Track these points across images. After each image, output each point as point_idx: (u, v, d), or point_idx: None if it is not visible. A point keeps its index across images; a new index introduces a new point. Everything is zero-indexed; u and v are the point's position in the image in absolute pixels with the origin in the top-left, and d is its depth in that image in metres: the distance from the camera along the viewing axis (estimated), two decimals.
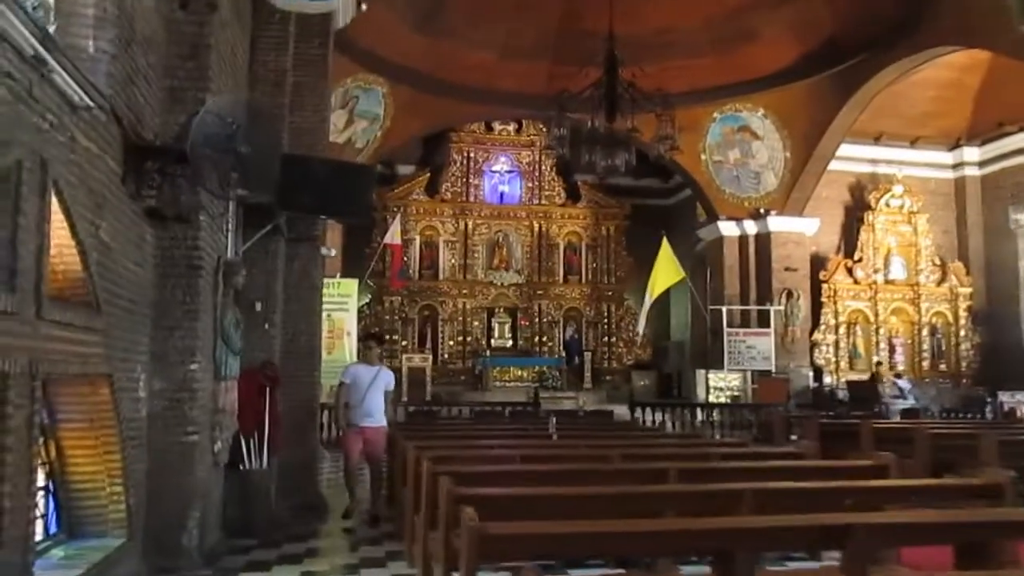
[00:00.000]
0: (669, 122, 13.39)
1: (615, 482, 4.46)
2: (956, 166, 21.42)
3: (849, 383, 18.66)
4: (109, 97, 4.18)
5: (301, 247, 7.74)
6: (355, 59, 16.42)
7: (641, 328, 20.73)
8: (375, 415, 7.57)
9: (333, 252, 9.07)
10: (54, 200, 3.49)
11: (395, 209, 21.21)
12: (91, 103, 3.83)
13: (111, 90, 4.22)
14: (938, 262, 20.54)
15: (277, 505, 6.86)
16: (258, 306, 6.91)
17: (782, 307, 19.13)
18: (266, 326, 7.00)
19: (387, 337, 21.45)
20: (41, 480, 4.44)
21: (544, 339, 23.02)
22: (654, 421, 15.88)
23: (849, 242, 20.78)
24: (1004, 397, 16.01)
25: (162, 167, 4.69)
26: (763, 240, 19.51)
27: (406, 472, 5.64)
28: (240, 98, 5.09)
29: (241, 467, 6.40)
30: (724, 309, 19.17)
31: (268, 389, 6.71)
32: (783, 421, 12.02)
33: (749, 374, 19.24)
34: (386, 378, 7.79)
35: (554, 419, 7.80)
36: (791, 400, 16.81)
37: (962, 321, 20.44)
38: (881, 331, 20.20)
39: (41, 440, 4.39)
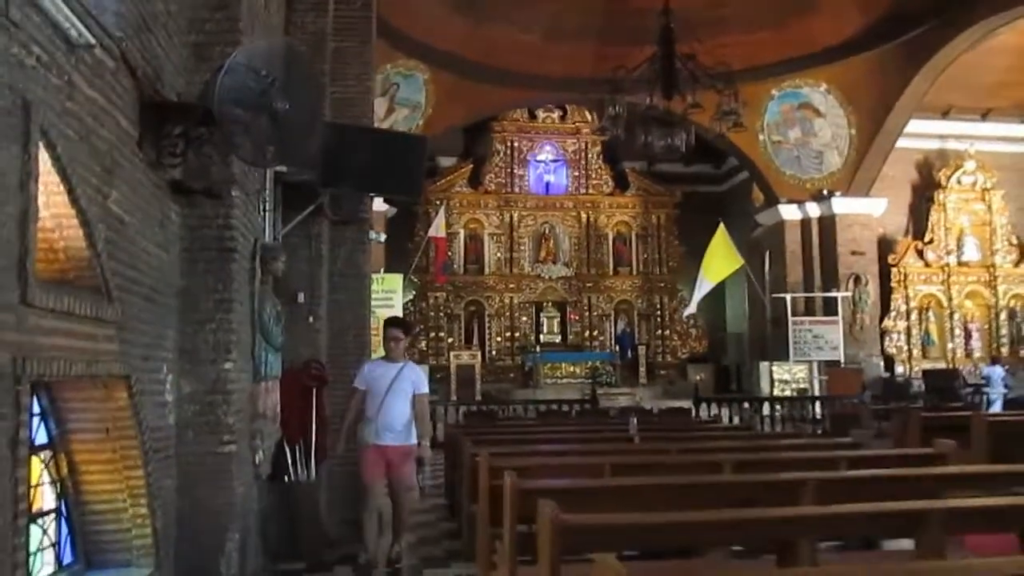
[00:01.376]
0: (732, 96, 12.51)
1: (737, 500, 3.64)
2: None
3: (925, 372, 17.53)
4: (118, 40, 3.46)
5: (347, 231, 6.96)
6: (394, 44, 15.74)
7: (688, 313, 19.72)
8: (398, 429, 5.55)
9: (383, 237, 8.23)
10: (43, 154, 2.76)
11: (438, 202, 20.51)
12: (92, 40, 3.11)
13: (121, 32, 3.50)
14: (1015, 241, 19.30)
15: (327, 521, 6.12)
16: (301, 297, 6.18)
17: (849, 293, 18.04)
18: (310, 319, 6.27)
19: (431, 334, 20.85)
20: (51, 502, 3.74)
21: (595, 333, 22.17)
22: (719, 416, 15.00)
23: (918, 223, 19.64)
24: None
25: (185, 130, 3.96)
26: (827, 223, 18.43)
27: (475, 485, 4.85)
28: (275, 45, 4.34)
29: (286, 479, 5.67)
30: (788, 297, 18.14)
31: (314, 390, 5.96)
32: (869, 414, 11.00)
33: (815, 365, 18.21)
34: (412, 377, 5.67)
35: (635, 419, 6.98)
36: (866, 392, 15.74)
37: None
38: (955, 316, 19.01)
39: (50, 455, 3.69)
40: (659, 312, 22.62)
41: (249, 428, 4.85)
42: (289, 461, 5.69)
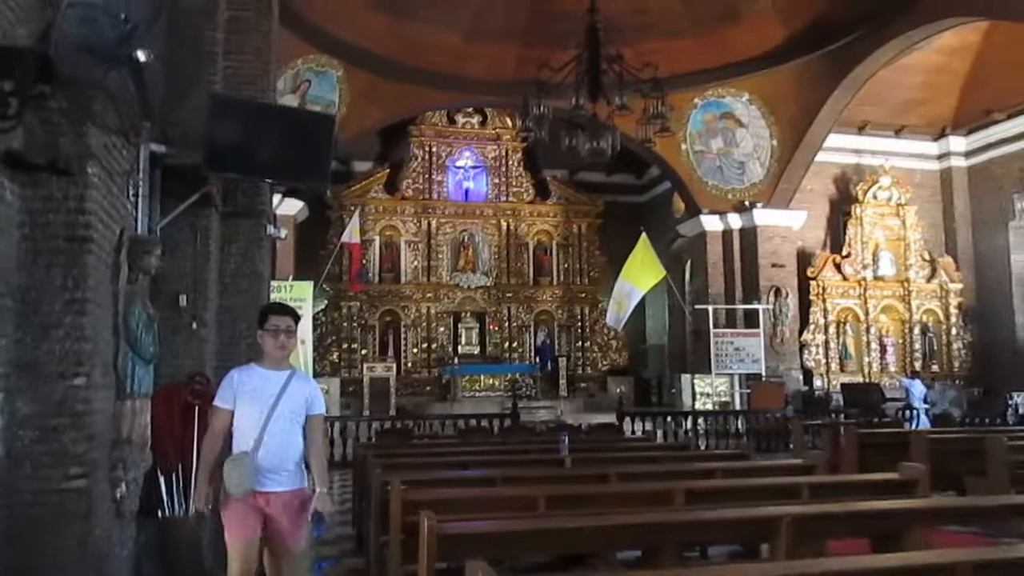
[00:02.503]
0: (660, 100, 12.12)
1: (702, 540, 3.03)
2: (942, 156, 20.52)
3: (844, 386, 17.51)
4: None
5: (241, 225, 6.09)
6: (306, 37, 14.89)
7: (616, 327, 19.24)
8: (286, 468, 3.95)
9: (284, 233, 7.30)
10: None
11: (352, 207, 19.60)
12: None
13: None
14: (927, 257, 19.58)
15: (212, 563, 5.25)
16: (183, 300, 5.30)
17: (771, 306, 17.94)
18: (193, 326, 5.39)
19: (344, 345, 19.91)
20: None
21: (514, 345, 21.58)
22: (651, 433, 14.59)
23: (835, 237, 19.73)
24: (1020, 399, 14.93)
25: (20, 86, 3.15)
26: (748, 235, 18.32)
27: (385, 520, 4.12)
28: None
29: (160, 515, 4.81)
30: (710, 308, 17.91)
31: (197, 409, 5.11)
32: (800, 430, 10.66)
33: (737, 378, 18.03)
34: (306, 392, 4.06)
35: (566, 438, 6.34)
36: (789, 406, 15.56)
37: (953, 319, 19.49)
38: (872, 330, 19.13)
39: None
40: (580, 323, 22.19)
41: (109, 457, 4.00)
42: (164, 494, 4.82)
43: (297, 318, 4.12)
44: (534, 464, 6.00)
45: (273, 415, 3.90)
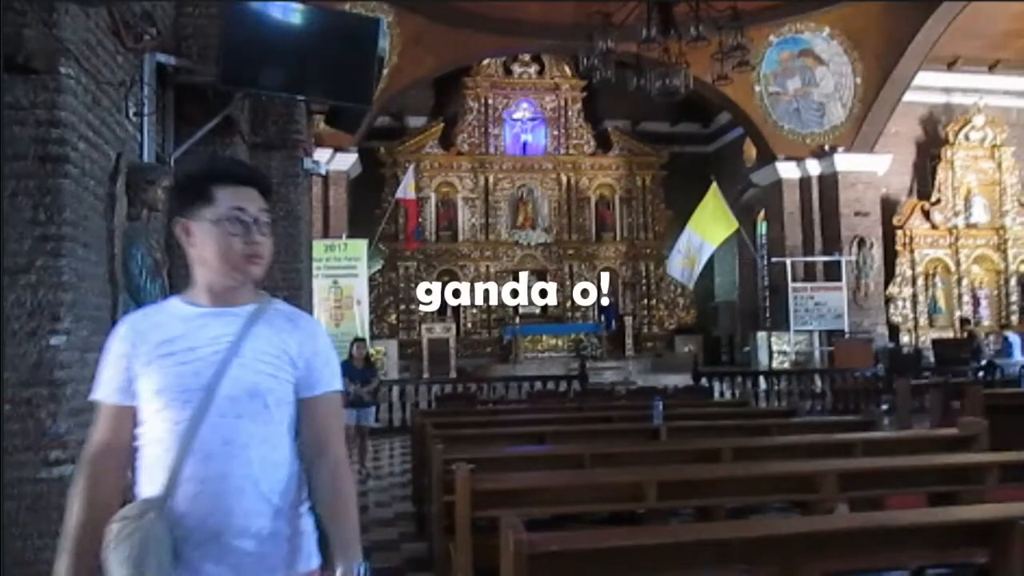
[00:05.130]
0: (739, 31, 11.02)
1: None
2: None
3: (935, 342, 16.21)
4: None
5: (274, 158, 5.24)
6: None
7: (688, 284, 18.02)
8: (236, 532, 1.76)
9: (324, 169, 6.32)
10: None
11: (406, 164, 18.77)
12: None
13: None
14: None
15: None
16: None
17: (853, 257, 16.67)
18: None
19: (402, 306, 19.27)
20: None
21: (576, 304, 20.65)
22: (722, 393, 13.71)
23: (922, 183, 18.29)
24: None
25: None
26: (828, 182, 17.03)
27: (450, 513, 3.29)
28: None
29: None
30: (788, 261, 16.73)
31: None
32: (907, 391, 9.58)
33: (816, 335, 16.89)
34: (292, 348, 1.88)
35: (660, 404, 5.43)
36: (879, 364, 14.40)
37: None
38: (963, 282, 17.73)
39: None
40: (645, 280, 21.16)
41: None
42: None
43: (267, 189, 1.93)
44: (621, 435, 5.12)
45: (213, 404, 1.78)
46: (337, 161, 15.78)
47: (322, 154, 15.40)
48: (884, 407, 14.12)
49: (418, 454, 5.92)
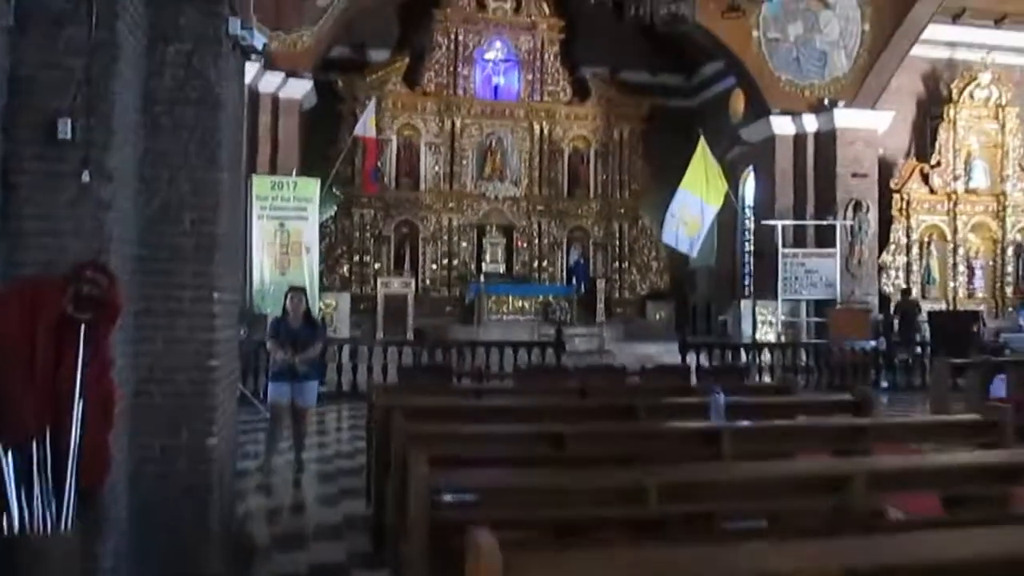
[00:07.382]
0: None
1: None
2: None
3: (933, 315, 15.10)
4: None
5: (186, 13, 3.56)
6: None
7: (696, 252, 16.38)
8: None
9: (261, 40, 4.47)
10: None
11: (366, 100, 16.96)
12: None
13: None
14: None
15: None
16: (64, 128, 2.89)
17: (850, 222, 15.44)
18: (84, 177, 2.94)
19: (356, 257, 17.63)
20: None
21: (544, 264, 19.21)
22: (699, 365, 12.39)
23: (920, 144, 17.11)
24: None
25: None
26: (825, 139, 15.77)
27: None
28: None
29: (3, 527, 2.50)
30: (778, 225, 15.44)
31: (84, 327, 2.69)
32: (945, 372, 8.30)
33: (804, 304, 15.71)
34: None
35: (720, 397, 3.86)
36: (881, 337, 13.23)
37: None
38: (960, 251, 16.67)
39: None
40: (618, 241, 19.75)
41: None
42: (12, 487, 2.52)
43: None
44: (660, 439, 3.58)
45: None
46: (289, 87, 14.00)
47: (273, 77, 13.62)
48: (884, 384, 13.07)
49: (379, 448, 4.30)
